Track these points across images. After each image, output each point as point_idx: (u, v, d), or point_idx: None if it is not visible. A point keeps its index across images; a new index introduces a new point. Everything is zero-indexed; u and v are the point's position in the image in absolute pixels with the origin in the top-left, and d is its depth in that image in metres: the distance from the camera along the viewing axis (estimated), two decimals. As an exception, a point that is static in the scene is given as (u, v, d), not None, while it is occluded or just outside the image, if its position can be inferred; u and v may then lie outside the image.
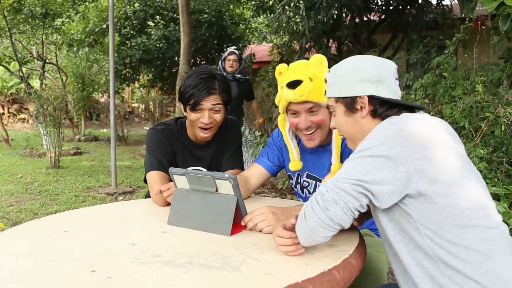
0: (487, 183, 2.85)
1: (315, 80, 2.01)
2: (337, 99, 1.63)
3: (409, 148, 1.33)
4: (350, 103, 1.59)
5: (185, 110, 2.28)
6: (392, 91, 1.57)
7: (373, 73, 1.56)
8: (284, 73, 2.13)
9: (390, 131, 1.37)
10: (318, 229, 1.35)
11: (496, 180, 2.93)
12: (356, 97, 1.57)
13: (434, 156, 1.34)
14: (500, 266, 1.33)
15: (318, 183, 2.22)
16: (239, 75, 6.00)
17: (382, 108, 1.56)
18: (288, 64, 2.16)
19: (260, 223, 1.71)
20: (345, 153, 2.14)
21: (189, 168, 1.82)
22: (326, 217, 1.33)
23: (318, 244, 1.49)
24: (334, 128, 1.71)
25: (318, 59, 2.08)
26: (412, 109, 1.58)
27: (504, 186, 2.80)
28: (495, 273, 1.32)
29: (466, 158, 1.47)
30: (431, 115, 3.59)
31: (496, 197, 2.78)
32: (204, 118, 2.21)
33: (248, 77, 6.06)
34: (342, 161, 2.13)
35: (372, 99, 1.56)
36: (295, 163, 2.25)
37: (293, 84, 2.03)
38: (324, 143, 2.15)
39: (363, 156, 1.36)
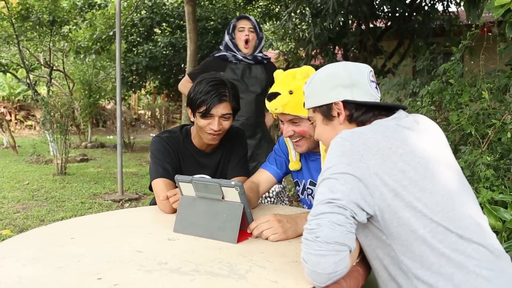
0: (493, 191, 2.83)
1: (296, 93, 2.04)
2: (314, 109, 1.64)
3: (366, 163, 1.32)
4: (326, 111, 1.60)
5: (194, 116, 2.28)
6: (368, 94, 1.56)
7: (345, 78, 1.56)
8: (275, 80, 2.20)
9: (344, 148, 1.36)
10: (320, 262, 1.23)
11: (503, 187, 2.91)
12: (331, 103, 1.58)
13: (393, 170, 1.33)
14: (473, 276, 1.31)
15: None
16: (260, 54, 3.82)
17: (358, 112, 1.55)
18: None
19: (265, 231, 1.71)
20: None
21: (195, 176, 1.82)
22: (320, 244, 1.23)
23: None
24: (318, 139, 1.71)
25: (305, 71, 2.11)
26: (390, 109, 1.57)
27: (511, 193, 2.78)
28: (468, 283, 1.30)
29: (445, 161, 1.45)
30: (437, 122, 3.57)
31: (503, 204, 2.77)
32: (214, 125, 2.22)
33: (269, 57, 3.95)
34: None
35: (347, 104, 1.55)
36: (293, 163, 2.31)
37: (270, 97, 2.10)
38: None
39: (325, 178, 1.34)
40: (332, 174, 1.33)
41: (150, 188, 2.31)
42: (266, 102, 2.13)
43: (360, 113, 1.55)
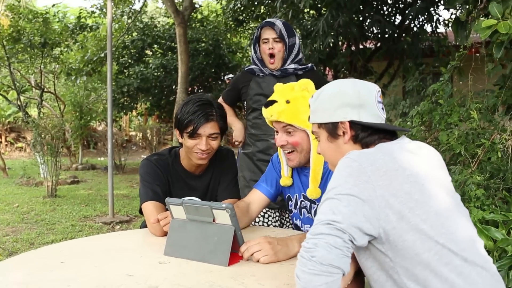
0: (484, 210, 2.84)
1: (293, 102, 2.07)
2: (320, 125, 1.63)
3: (373, 184, 1.32)
4: (332, 129, 1.59)
5: (182, 137, 2.28)
6: (375, 115, 1.56)
7: (353, 98, 1.56)
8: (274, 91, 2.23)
9: (351, 169, 1.36)
10: (312, 280, 1.24)
11: (494, 206, 2.92)
12: (338, 122, 1.57)
13: (399, 191, 1.33)
14: None
15: (312, 204, 2.23)
16: (293, 66, 3.22)
17: (363, 133, 1.55)
18: None
19: (256, 253, 1.70)
20: (326, 176, 2.17)
21: (185, 199, 1.82)
22: (315, 264, 1.24)
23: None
24: (320, 154, 1.71)
25: (304, 84, 2.15)
26: (395, 133, 1.58)
27: (502, 212, 2.79)
28: None
29: (446, 187, 1.45)
30: (428, 142, 3.58)
31: (494, 223, 2.78)
32: (201, 145, 2.22)
33: (311, 65, 3.36)
34: (322, 184, 2.16)
35: (353, 124, 1.55)
36: (284, 179, 2.30)
37: (267, 104, 2.13)
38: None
39: (329, 198, 1.35)
40: (337, 194, 1.33)
41: (141, 212, 2.30)
42: (263, 109, 2.14)
43: (366, 134, 1.55)
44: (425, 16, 8.63)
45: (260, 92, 3.21)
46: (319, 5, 8.54)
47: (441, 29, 8.98)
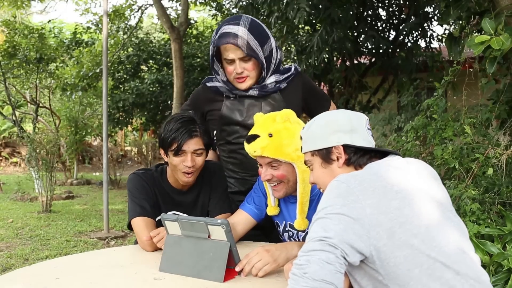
0: (479, 224, 2.85)
1: (275, 136, 2.01)
2: (313, 153, 1.66)
3: (361, 203, 1.34)
4: (326, 154, 1.62)
5: (167, 155, 2.27)
6: (366, 140, 1.61)
7: (345, 124, 1.61)
8: (255, 123, 2.16)
9: (339, 190, 1.38)
10: None
11: (489, 221, 2.93)
12: (332, 147, 1.61)
13: (389, 208, 1.34)
14: None
15: (300, 232, 2.20)
16: (273, 79, 2.48)
17: (355, 156, 1.59)
18: None
19: (257, 264, 1.70)
20: (314, 204, 2.12)
21: (181, 214, 1.81)
22: (308, 281, 1.24)
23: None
24: (313, 183, 1.72)
25: (285, 115, 2.08)
26: (385, 154, 1.61)
27: (497, 226, 2.80)
28: None
29: (437, 199, 1.45)
30: (422, 157, 3.58)
31: (490, 238, 2.78)
32: (187, 162, 2.20)
33: (295, 67, 2.56)
34: (309, 213, 2.12)
35: (347, 148, 1.59)
36: (272, 209, 2.25)
37: (249, 139, 2.05)
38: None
39: (319, 218, 1.36)
40: (327, 214, 1.34)
41: (129, 227, 2.28)
42: (245, 144, 2.08)
43: (358, 156, 1.59)
44: (419, 32, 8.69)
45: (235, 120, 2.51)
46: (314, 21, 8.59)
47: (434, 44, 9.04)
